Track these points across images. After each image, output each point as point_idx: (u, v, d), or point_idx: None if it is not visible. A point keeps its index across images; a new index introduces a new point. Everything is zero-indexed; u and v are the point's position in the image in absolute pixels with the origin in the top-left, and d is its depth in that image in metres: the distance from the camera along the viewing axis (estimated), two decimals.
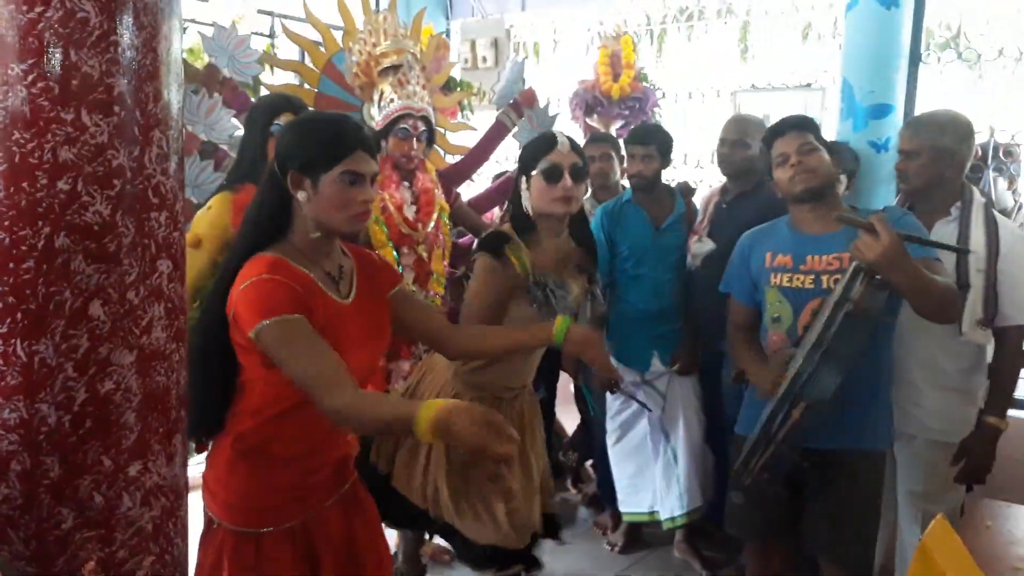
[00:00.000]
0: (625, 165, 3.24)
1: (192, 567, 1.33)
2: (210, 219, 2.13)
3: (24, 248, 0.93)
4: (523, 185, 2.11)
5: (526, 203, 2.12)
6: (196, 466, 1.48)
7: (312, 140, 1.44)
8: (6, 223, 0.92)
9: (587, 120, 3.97)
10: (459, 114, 3.22)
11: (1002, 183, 3.10)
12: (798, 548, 2.15)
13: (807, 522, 2.02)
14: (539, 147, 2.08)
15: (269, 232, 1.47)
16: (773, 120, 2.99)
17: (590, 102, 3.97)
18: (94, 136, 0.94)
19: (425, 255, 2.90)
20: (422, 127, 2.82)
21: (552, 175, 2.03)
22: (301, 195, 1.44)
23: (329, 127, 1.47)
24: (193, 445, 2.02)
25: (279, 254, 1.44)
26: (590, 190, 3.60)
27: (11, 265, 0.93)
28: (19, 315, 0.93)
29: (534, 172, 2.06)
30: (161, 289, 1.04)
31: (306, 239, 1.47)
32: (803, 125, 2.04)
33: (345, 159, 1.42)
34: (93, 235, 0.95)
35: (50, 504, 0.97)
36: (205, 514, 1.52)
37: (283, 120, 2.22)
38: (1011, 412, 2.62)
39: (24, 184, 0.92)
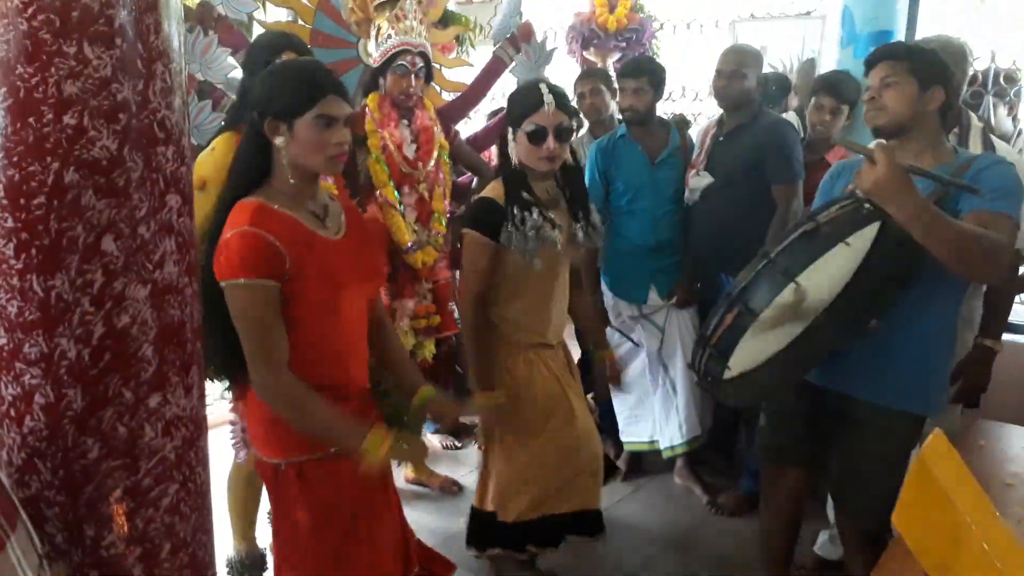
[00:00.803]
0: (617, 99, 3.21)
1: (215, 498, 1.38)
2: (215, 161, 2.11)
3: (34, 184, 0.93)
4: (510, 136, 2.17)
5: (512, 154, 2.18)
6: (216, 403, 1.54)
7: (286, 87, 1.50)
8: (15, 159, 0.92)
9: (584, 54, 3.91)
10: (457, 50, 3.17)
11: (1002, 109, 3.09)
12: (810, 479, 2.22)
13: (830, 464, 2.03)
14: (526, 106, 2.12)
15: (253, 178, 1.53)
16: (770, 50, 2.96)
17: (586, 35, 3.91)
18: (97, 70, 0.94)
19: (426, 194, 2.89)
20: (420, 63, 2.78)
21: (536, 136, 2.10)
22: (279, 140, 1.50)
23: (301, 73, 1.53)
24: (227, 385, 2.10)
25: (263, 199, 1.51)
26: (586, 125, 3.58)
27: (22, 201, 0.93)
28: (33, 251, 0.94)
29: (519, 129, 2.12)
30: (171, 223, 1.04)
31: (287, 183, 1.53)
32: (893, 54, 1.85)
33: (318, 103, 1.49)
34: (102, 170, 0.96)
35: (75, 435, 0.99)
36: (267, 467, 1.59)
37: (285, 59, 2.19)
38: (1005, 336, 2.68)
39: (31, 119, 0.92)
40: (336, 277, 1.54)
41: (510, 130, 2.17)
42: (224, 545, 2.31)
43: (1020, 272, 2.46)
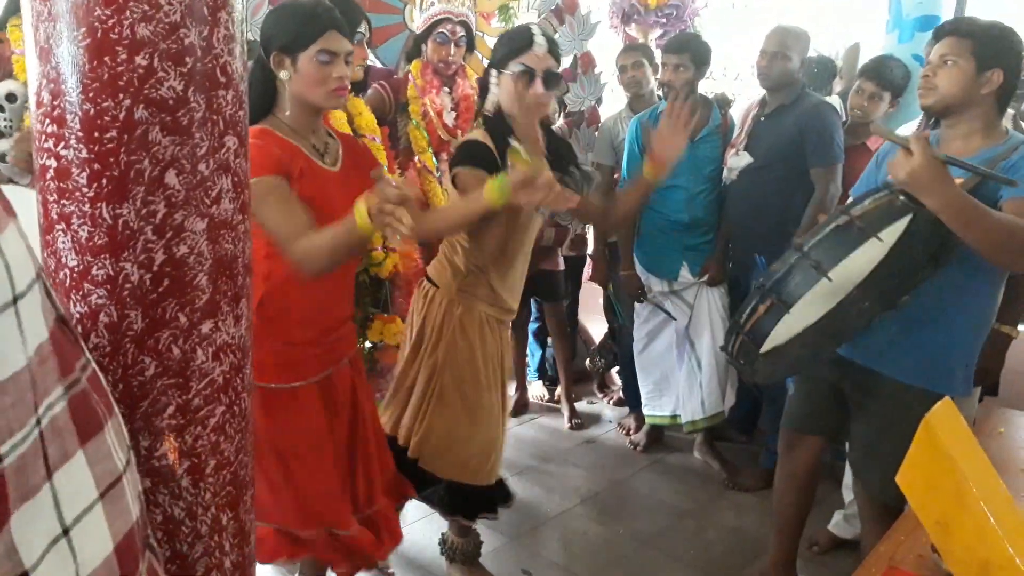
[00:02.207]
0: (660, 75, 3.23)
1: None
2: None
3: (107, 119, 1.01)
4: (493, 79, 2.01)
5: (493, 99, 2.02)
6: None
7: (289, 22, 1.61)
8: (91, 95, 1.00)
9: (626, 29, 3.93)
10: (500, 17, 3.21)
11: None
12: (826, 450, 2.26)
13: (850, 436, 2.08)
14: (514, 46, 1.97)
15: (258, 110, 1.64)
16: (812, 34, 2.94)
17: (627, 10, 3.92)
18: (168, 15, 1.01)
19: None
20: (460, 32, 2.83)
21: (523, 78, 1.94)
22: (283, 74, 1.62)
23: (304, 9, 1.63)
24: None
25: (268, 126, 1.63)
26: (626, 100, 3.60)
27: (96, 134, 1.01)
28: (104, 181, 1.02)
29: (505, 71, 1.97)
30: (228, 163, 1.11)
31: (290, 115, 1.64)
32: (958, 31, 1.80)
33: (319, 38, 1.59)
34: (168, 109, 1.03)
35: (134, 353, 1.08)
36: None
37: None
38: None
39: (106, 59, 0.99)
40: (327, 205, 1.63)
41: (493, 73, 2.02)
42: None
43: None
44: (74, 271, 1.05)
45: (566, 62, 3.29)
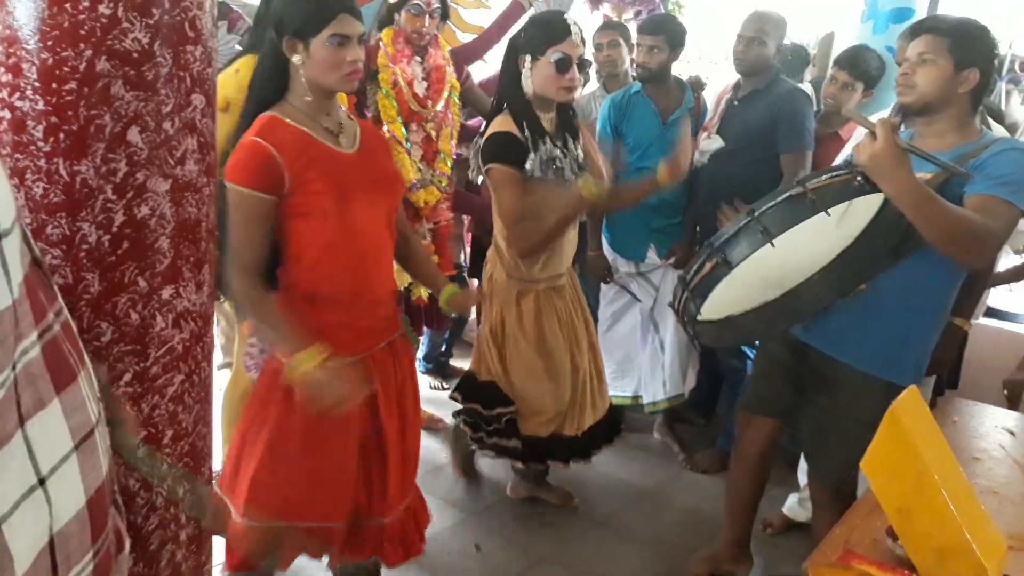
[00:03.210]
0: (634, 55, 3.20)
1: (217, 392, 1.43)
2: (239, 82, 2.13)
3: (67, 69, 0.96)
4: (526, 65, 2.17)
5: (526, 83, 2.19)
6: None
7: (301, 6, 1.58)
8: (49, 43, 0.95)
9: (601, 9, 3.89)
10: None
11: (1016, 96, 3.09)
12: (780, 432, 2.29)
13: (803, 420, 2.10)
14: (552, 34, 2.14)
15: (271, 94, 1.63)
16: (789, 19, 2.95)
17: None
18: None
19: (433, 133, 2.90)
20: (436, 4, 2.77)
21: (563, 65, 2.13)
22: (296, 59, 1.59)
23: None
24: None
25: (278, 112, 1.60)
26: (599, 80, 3.57)
27: (54, 85, 0.96)
28: (61, 135, 0.97)
29: (542, 58, 2.14)
30: (194, 122, 1.07)
31: (303, 99, 1.62)
32: (936, 29, 1.81)
33: (331, 22, 1.56)
34: (132, 62, 0.98)
35: (90, 317, 1.04)
36: (267, 362, 1.72)
37: None
38: (985, 321, 2.74)
39: (67, 5, 0.94)
40: (344, 188, 1.61)
41: (527, 58, 2.16)
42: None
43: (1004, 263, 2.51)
44: (27, 230, 1.00)
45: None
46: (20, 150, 0.98)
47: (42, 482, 0.63)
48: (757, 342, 2.45)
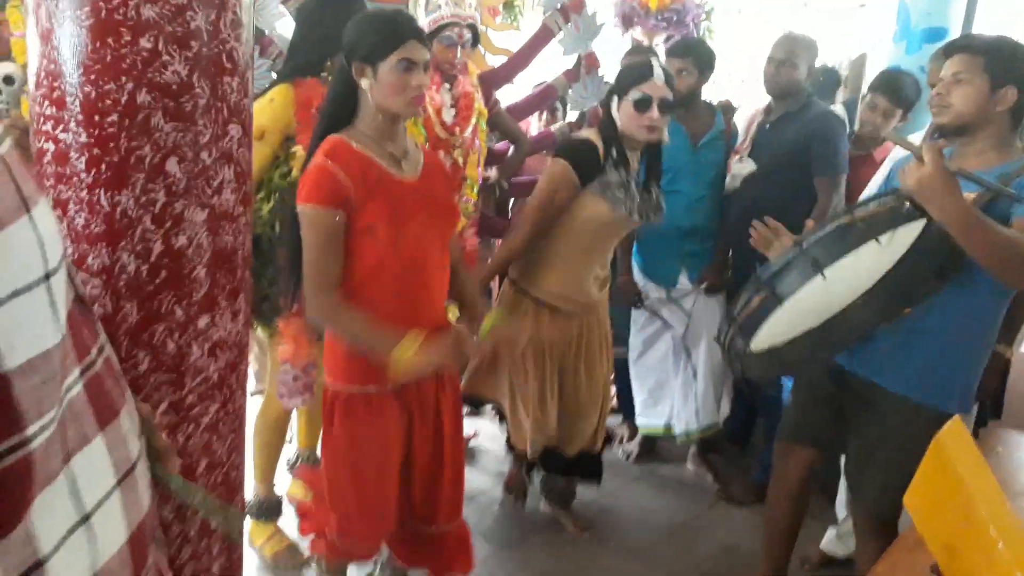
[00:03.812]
0: None
1: (249, 419, 1.44)
2: (273, 112, 2.16)
3: (109, 102, 0.97)
4: (614, 104, 2.32)
5: (616, 119, 2.32)
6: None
7: (372, 32, 1.64)
8: (92, 77, 0.97)
9: (631, 33, 3.90)
10: (503, 15, 3.18)
11: None
12: (820, 462, 2.24)
13: (847, 448, 2.06)
14: (636, 75, 2.28)
15: (340, 118, 1.68)
16: (820, 41, 2.93)
17: (627, 12, 3.89)
18: None
19: (460, 160, 2.92)
20: (467, 35, 2.80)
21: (642, 105, 2.24)
22: (364, 83, 1.64)
23: (386, 20, 1.66)
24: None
25: (345, 136, 1.66)
26: None
27: (96, 118, 0.98)
28: (103, 166, 0.99)
29: (626, 97, 2.26)
30: (231, 152, 1.08)
31: (371, 123, 1.67)
32: (970, 48, 1.78)
33: (400, 48, 1.61)
34: (171, 94, 1.00)
35: (128, 346, 1.04)
36: (324, 389, 1.79)
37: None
38: None
39: (109, 40, 0.96)
40: (400, 213, 1.65)
41: (615, 98, 2.31)
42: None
43: None
44: (71, 264, 1.02)
45: (570, 61, 3.26)
46: (63, 181, 1.00)
47: (86, 518, 0.63)
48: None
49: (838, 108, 3.18)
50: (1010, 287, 1.77)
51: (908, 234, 1.63)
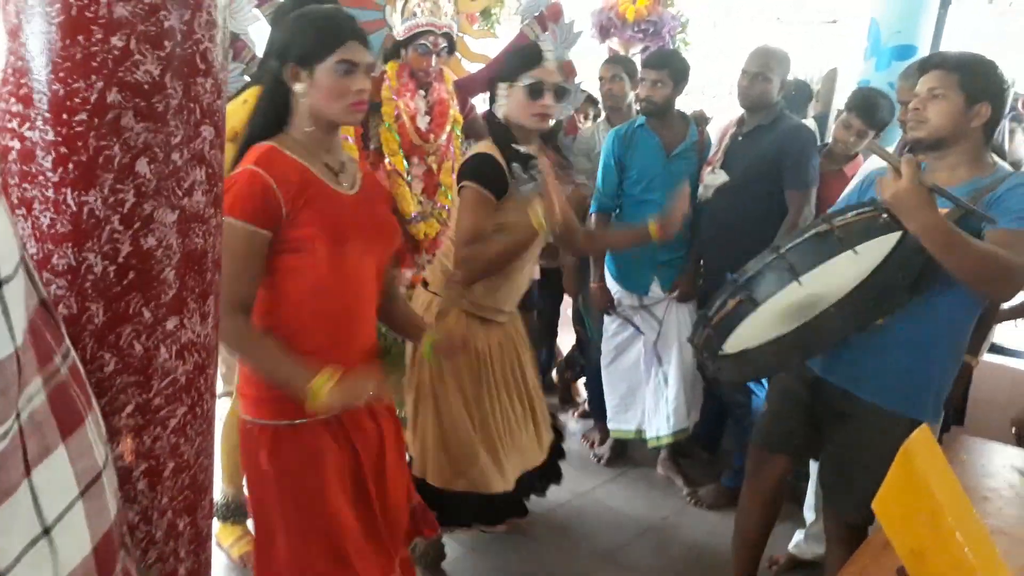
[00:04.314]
0: (638, 89, 3.23)
1: (217, 422, 1.41)
2: (247, 114, 2.13)
3: (78, 101, 0.96)
4: (502, 91, 2.11)
5: (500, 110, 2.13)
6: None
7: (307, 31, 1.51)
8: (61, 75, 0.95)
9: (608, 43, 3.93)
10: (480, 23, 3.18)
11: (1020, 135, 3.11)
12: (793, 469, 2.26)
13: (823, 456, 2.09)
14: (525, 60, 2.10)
15: (271, 125, 1.55)
16: (792, 55, 2.98)
17: (604, 23, 3.93)
18: None
19: (435, 167, 2.92)
20: (443, 44, 2.80)
21: (535, 91, 2.06)
22: (299, 87, 1.50)
23: (323, 18, 1.53)
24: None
25: (276, 143, 1.51)
26: (603, 113, 3.60)
27: (64, 116, 0.96)
28: (71, 166, 0.97)
29: (516, 83, 2.08)
30: (203, 154, 1.07)
31: (304, 132, 1.53)
32: (945, 64, 1.81)
33: (339, 48, 1.48)
34: (143, 94, 0.98)
35: (93, 348, 1.02)
36: (241, 422, 1.63)
37: None
38: (991, 358, 2.73)
39: (80, 37, 0.94)
40: (340, 230, 1.52)
41: (502, 86, 2.11)
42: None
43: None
44: (33, 260, 0.99)
45: None
46: (28, 180, 0.98)
47: (47, 531, 0.61)
48: (766, 378, 2.43)
49: (809, 122, 3.23)
50: (985, 297, 1.81)
51: (884, 245, 1.66)
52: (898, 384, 1.89)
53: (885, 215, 1.65)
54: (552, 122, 2.14)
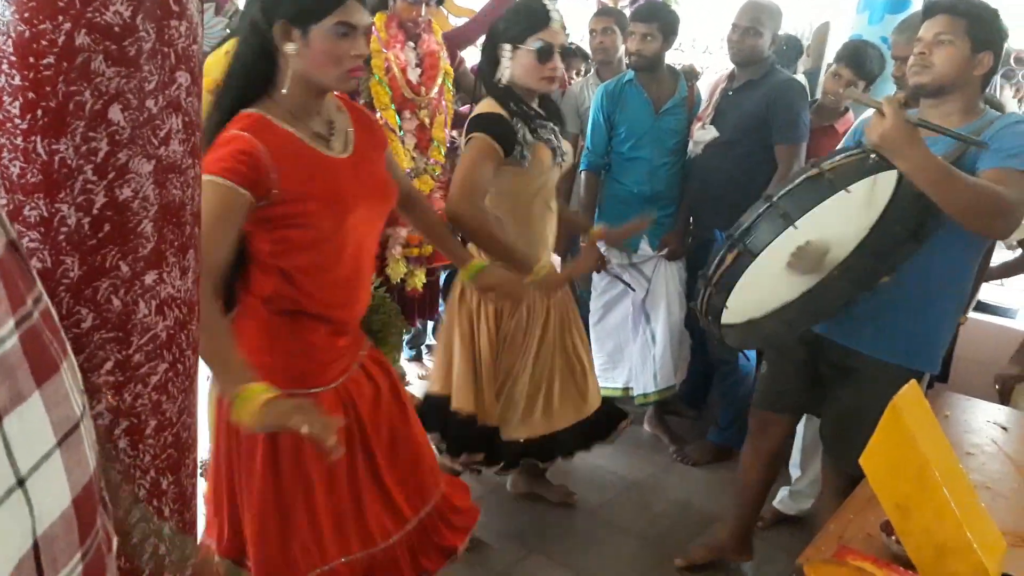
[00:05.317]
0: (627, 43, 3.18)
1: (204, 381, 1.38)
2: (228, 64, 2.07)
3: (44, 43, 0.91)
4: (506, 53, 2.07)
5: (505, 73, 2.08)
6: None
7: None
8: (26, 15, 0.90)
9: None
10: None
11: (1008, 91, 3.09)
12: (793, 427, 2.29)
13: (824, 411, 2.10)
14: (532, 22, 2.04)
15: (254, 88, 1.44)
16: (783, 9, 2.92)
17: None
18: None
19: (427, 121, 2.86)
20: None
21: (544, 54, 2.03)
22: (290, 47, 1.39)
23: None
24: None
25: (263, 111, 1.41)
26: (593, 68, 3.54)
27: (31, 59, 0.91)
28: (39, 112, 0.93)
29: (522, 46, 2.04)
30: (179, 101, 1.03)
31: (292, 96, 1.43)
32: (954, 9, 1.77)
33: (338, 8, 1.37)
34: (114, 36, 0.94)
35: (69, 303, 0.99)
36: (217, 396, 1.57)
37: None
38: (976, 315, 2.74)
39: None
40: (342, 199, 1.45)
41: (506, 48, 2.07)
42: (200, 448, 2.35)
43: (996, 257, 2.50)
44: (3, 210, 0.96)
45: None
46: None
47: (21, 483, 0.59)
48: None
49: (800, 77, 3.18)
50: (981, 234, 1.80)
51: (881, 196, 1.65)
52: (902, 338, 1.90)
53: (874, 155, 1.64)
54: (557, 84, 2.14)
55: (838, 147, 2.12)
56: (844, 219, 1.66)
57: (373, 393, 1.68)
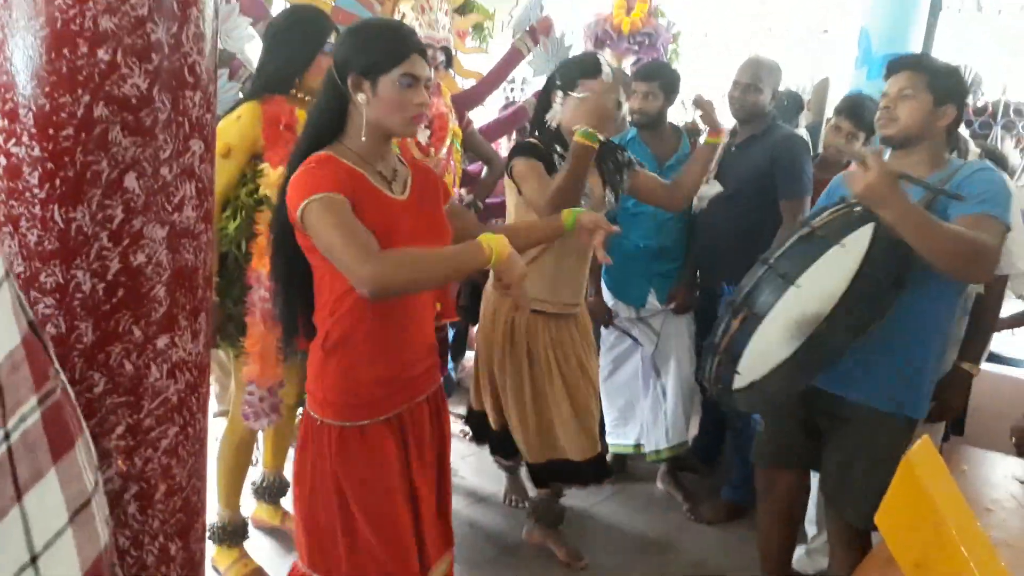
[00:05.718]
0: (630, 102, 3.23)
1: (212, 441, 1.38)
2: (240, 129, 2.12)
3: (64, 115, 0.94)
4: (557, 100, 2.22)
5: (555, 117, 2.22)
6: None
7: (374, 43, 1.51)
8: (47, 89, 0.93)
9: (601, 55, 3.94)
10: (472, 35, 3.19)
11: (1009, 141, 3.12)
12: (805, 481, 2.25)
13: (823, 464, 2.08)
14: (584, 70, 2.19)
15: (327, 134, 1.57)
16: (783, 65, 2.98)
17: (600, 35, 3.93)
18: (134, 8, 0.95)
19: None
20: (441, 57, 2.80)
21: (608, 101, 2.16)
22: (360, 97, 1.52)
23: (390, 31, 1.57)
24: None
25: (333, 153, 1.53)
26: None
27: (51, 131, 0.94)
28: (57, 182, 0.95)
29: (572, 93, 2.17)
30: (193, 168, 1.05)
31: (360, 142, 1.55)
32: (915, 66, 1.88)
33: (403, 62, 1.51)
34: (130, 107, 0.97)
35: (83, 368, 1.00)
36: (306, 416, 1.65)
37: (333, 40, 2.20)
38: (989, 367, 2.72)
39: (65, 51, 0.93)
40: (392, 234, 1.53)
41: (558, 94, 2.21)
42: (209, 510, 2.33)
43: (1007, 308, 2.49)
44: (20, 278, 0.97)
45: (540, 82, 3.28)
46: (15, 197, 0.96)
47: (34, 560, 0.59)
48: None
49: (801, 131, 3.23)
50: (959, 279, 1.84)
51: (859, 242, 1.67)
52: (892, 384, 1.90)
53: (858, 208, 1.68)
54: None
55: (815, 206, 2.17)
56: (833, 269, 1.68)
57: (430, 432, 1.74)
